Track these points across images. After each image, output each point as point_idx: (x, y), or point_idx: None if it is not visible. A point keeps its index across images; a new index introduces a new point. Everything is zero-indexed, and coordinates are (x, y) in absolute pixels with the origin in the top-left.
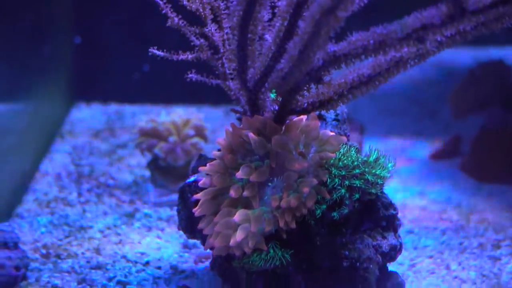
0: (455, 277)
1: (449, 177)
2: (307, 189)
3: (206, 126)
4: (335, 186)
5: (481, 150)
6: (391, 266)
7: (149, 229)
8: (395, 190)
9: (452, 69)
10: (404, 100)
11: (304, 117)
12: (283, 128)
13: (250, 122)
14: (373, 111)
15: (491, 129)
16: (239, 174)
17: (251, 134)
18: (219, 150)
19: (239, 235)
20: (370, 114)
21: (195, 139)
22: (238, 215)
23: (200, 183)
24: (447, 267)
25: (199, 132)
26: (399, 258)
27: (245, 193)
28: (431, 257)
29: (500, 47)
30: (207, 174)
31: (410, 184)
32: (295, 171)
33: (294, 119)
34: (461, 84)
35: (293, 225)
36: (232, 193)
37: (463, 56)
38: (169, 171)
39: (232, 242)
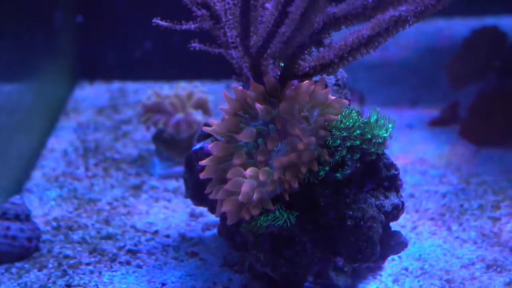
0: (457, 238)
1: (448, 143)
2: (301, 146)
3: (209, 99)
4: (337, 147)
5: (479, 114)
6: (393, 228)
7: (156, 200)
8: (395, 157)
9: (449, 39)
10: (402, 70)
11: (312, 81)
12: (291, 91)
13: (257, 87)
14: (372, 81)
15: (488, 93)
16: (239, 137)
17: (257, 104)
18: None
19: (245, 187)
20: (369, 85)
21: (199, 117)
22: (249, 171)
23: (209, 147)
24: (449, 228)
25: (202, 105)
26: (401, 220)
27: (259, 158)
28: (432, 219)
29: (496, 17)
30: (214, 140)
31: (410, 151)
32: (297, 135)
33: (303, 83)
34: (457, 53)
35: (296, 185)
36: (236, 161)
37: (460, 26)
38: (174, 144)
39: (240, 196)
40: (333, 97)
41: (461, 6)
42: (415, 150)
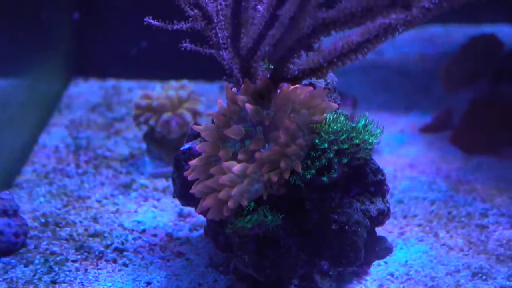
0: (443, 244)
1: (439, 150)
2: (283, 138)
3: (200, 99)
4: (324, 150)
5: (470, 122)
6: (380, 233)
7: (145, 199)
8: (386, 162)
9: (445, 45)
10: (397, 75)
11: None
12: (283, 92)
13: (248, 86)
14: (367, 86)
15: (480, 101)
16: (228, 132)
17: (247, 105)
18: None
19: (225, 178)
20: (363, 89)
21: (190, 117)
22: (227, 163)
23: (197, 147)
24: (436, 235)
25: (194, 106)
26: (389, 226)
27: (240, 157)
28: (420, 225)
29: (492, 24)
30: (203, 140)
31: (401, 156)
32: (286, 128)
33: (294, 86)
34: (453, 57)
35: (275, 179)
36: (222, 155)
37: (456, 32)
38: (165, 143)
39: (221, 194)
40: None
41: (457, 12)
42: (405, 156)
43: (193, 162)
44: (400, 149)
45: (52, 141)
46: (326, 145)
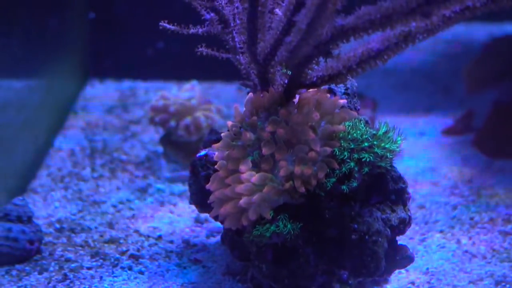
0: (465, 252)
1: (461, 153)
2: (313, 154)
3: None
4: (344, 159)
5: (494, 125)
6: (401, 240)
7: (162, 204)
8: (407, 165)
9: (467, 45)
10: (418, 76)
11: (320, 90)
12: (300, 101)
13: (258, 101)
14: (387, 87)
15: (504, 103)
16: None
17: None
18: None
19: (242, 187)
20: (383, 91)
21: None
22: (246, 174)
23: (215, 157)
24: (458, 242)
25: (208, 112)
26: (410, 232)
27: (263, 167)
28: (441, 231)
29: None
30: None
31: (422, 160)
32: (309, 140)
33: (311, 93)
34: (477, 57)
35: (302, 189)
36: (242, 168)
37: (478, 31)
38: (182, 146)
39: (242, 201)
40: (341, 107)
41: None
42: (427, 159)
43: (218, 174)
44: (422, 152)
45: (68, 144)
46: (346, 154)
